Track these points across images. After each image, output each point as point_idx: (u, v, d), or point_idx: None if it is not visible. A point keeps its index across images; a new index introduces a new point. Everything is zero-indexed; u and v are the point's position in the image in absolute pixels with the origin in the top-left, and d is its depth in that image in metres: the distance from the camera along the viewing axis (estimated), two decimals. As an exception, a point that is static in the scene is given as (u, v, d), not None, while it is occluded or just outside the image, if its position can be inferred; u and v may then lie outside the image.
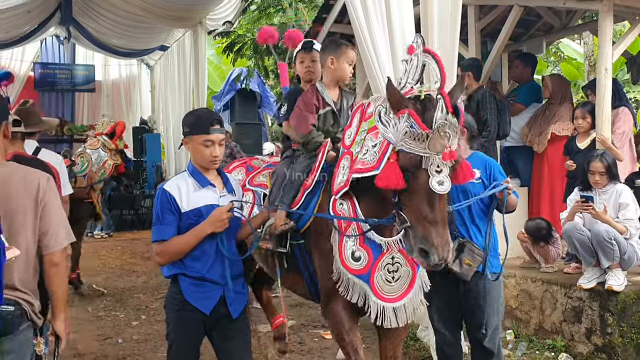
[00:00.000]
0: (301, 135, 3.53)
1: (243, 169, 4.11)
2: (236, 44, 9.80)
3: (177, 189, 2.98)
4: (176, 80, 12.35)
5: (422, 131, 2.50)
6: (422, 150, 2.53)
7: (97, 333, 5.79)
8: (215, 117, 3.03)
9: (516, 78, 7.13)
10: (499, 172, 3.65)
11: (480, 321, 3.63)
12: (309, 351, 5.21)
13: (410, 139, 2.55)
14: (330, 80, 3.60)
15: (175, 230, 2.95)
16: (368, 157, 2.88)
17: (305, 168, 3.49)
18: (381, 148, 2.79)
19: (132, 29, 11.90)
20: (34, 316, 2.64)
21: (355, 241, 3.07)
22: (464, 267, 3.48)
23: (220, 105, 12.82)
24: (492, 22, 7.21)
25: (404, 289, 3.08)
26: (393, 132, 2.61)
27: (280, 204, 3.41)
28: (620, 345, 4.67)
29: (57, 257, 2.70)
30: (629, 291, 4.73)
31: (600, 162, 4.67)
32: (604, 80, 5.31)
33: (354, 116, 3.20)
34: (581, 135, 5.75)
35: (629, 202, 4.66)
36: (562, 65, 15.84)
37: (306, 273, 3.42)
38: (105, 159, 7.59)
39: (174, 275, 3.00)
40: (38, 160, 4.32)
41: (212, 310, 2.97)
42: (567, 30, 8.28)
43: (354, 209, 3.09)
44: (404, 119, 2.55)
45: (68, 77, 14.20)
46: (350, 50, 3.57)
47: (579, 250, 4.75)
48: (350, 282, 3.05)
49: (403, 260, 3.06)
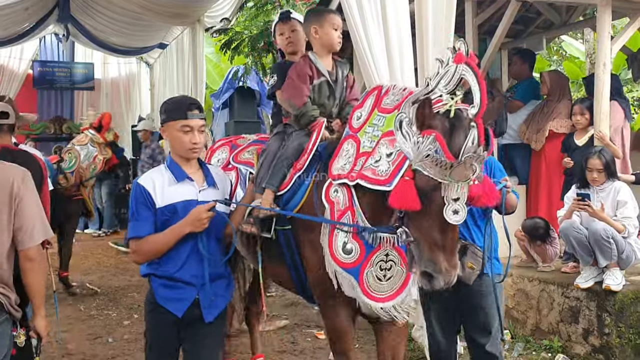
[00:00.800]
0: (295, 107, 3.32)
1: (227, 147, 3.92)
2: (234, 42, 9.73)
3: (151, 183, 2.83)
4: (175, 78, 12.27)
5: (447, 160, 2.28)
6: (442, 177, 2.32)
7: (88, 332, 5.74)
8: (193, 102, 2.89)
9: (515, 75, 7.06)
10: (499, 170, 3.53)
11: (483, 323, 3.52)
12: (302, 351, 5.15)
13: (431, 163, 2.32)
14: (319, 49, 3.40)
15: (152, 227, 2.81)
16: (381, 167, 2.68)
17: (298, 147, 3.26)
18: (396, 160, 2.62)
19: (130, 27, 11.81)
20: (11, 309, 2.68)
21: (347, 232, 2.88)
22: (467, 271, 3.31)
23: (219, 104, 12.75)
24: (490, 18, 7.14)
25: (394, 290, 2.88)
26: (413, 148, 2.38)
27: (267, 185, 3.19)
28: (618, 346, 4.59)
29: (32, 252, 2.72)
30: (627, 291, 4.66)
31: (598, 159, 4.60)
32: (602, 76, 5.25)
33: (368, 97, 2.99)
34: (579, 131, 5.67)
35: (628, 200, 4.58)
36: (565, 64, 15.76)
37: (291, 263, 3.21)
38: (95, 154, 7.52)
39: (148, 274, 2.89)
40: (25, 152, 4.28)
41: (184, 313, 2.82)
42: (567, 27, 8.19)
43: (350, 199, 2.87)
44: (428, 140, 2.31)
45: (67, 75, 14.12)
46: (332, 15, 3.40)
47: (576, 249, 4.68)
48: (340, 276, 2.88)
49: (398, 259, 2.87)
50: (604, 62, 5.26)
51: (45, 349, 5.05)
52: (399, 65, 4.10)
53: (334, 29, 3.35)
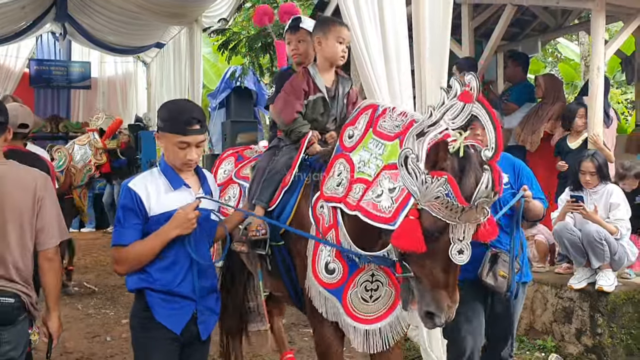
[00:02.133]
0: (283, 123, 3.23)
1: (233, 159, 3.83)
2: (231, 42, 9.77)
3: (144, 189, 2.56)
4: (172, 78, 12.32)
5: (459, 205, 2.13)
6: (451, 219, 2.18)
7: (86, 331, 5.76)
8: (195, 116, 2.57)
9: (509, 78, 7.12)
10: (527, 176, 3.45)
11: (505, 331, 3.49)
12: (299, 350, 5.19)
13: (441, 205, 2.15)
14: (322, 62, 3.25)
15: (139, 235, 2.55)
16: (383, 203, 2.52)
17: (287, 161, 3.17)
18: (400, 196, 2.47)
19: (127, 26, 11.85)
20: (32, 308, 2.79)
21: (330, 251, 2.77)
22: (499, 280, 3.25)
23: (216, 103, 12.79)
24: (487, 21, 7.21)
25: (382, 311, 2.77)
26: (421, 188, 2.18)
27: (257, 201, 3.13)
28: (610, 346, 4.66)
29: (51, 252, 2.83)
30: (619, 292, 4.73)
31: (591, 162, 4.65)
32: (596, 79, 5.32)
33: (360, 115, 2.83)
34: (573, 135, 5.74)
35: (620, 202, 4.64)
36: (560, 66, 15.86)
37: (287, 278, 3.13)
38: (90, 157, 7.55)
39: (138, 289, 2.59)
40: (33, 154, 4.34)
41: (182, 330, 2.60)
42: (562, 30, 8.29)
43: (335, 217, 2.76)
44: (439, 182, 2.13)
45: (64, 74, 14.14)
46: (339, 27, 3.19)
47: (570, 251, 4.73)
48: (322, 297, 2.77)
49: (385, 279, 2.77)
50: (597, 65, 5.33)
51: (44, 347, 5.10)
52: (395, 67, 4.15)
53: (338, 42, 3.17)
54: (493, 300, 3.42)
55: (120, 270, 2.60)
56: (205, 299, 2.66)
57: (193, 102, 2.84)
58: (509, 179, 3.36)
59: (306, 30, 3.42)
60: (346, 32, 3.23)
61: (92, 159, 7.57)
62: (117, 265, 2.59)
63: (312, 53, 3.40)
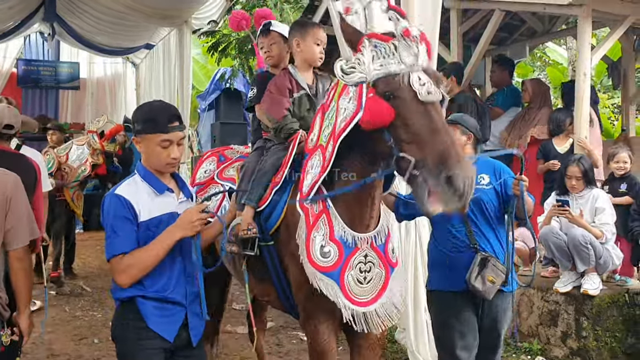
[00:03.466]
0: (274, 121, 3.21)
1: (215, 159, 3.80)
2: (221, 44, 9.79)
3: (131, 194, 2.51)
4: (161, 79, 12.30)
5: (386, 44, 2.31)
6: (396, 66, 2.31)
7: (73, 333, 5.74)
8: (174, 113, 2.58)
9: (495, 83, 7.17)
10: (509, 174, 3.38)
11: (496, 339, 3.39)
12: (287, 353, 5.20)
13: (379, 61, 2.33)
14: (300, 63, 3.30)
15: (135, 242, 2.48)
16: (349, 110, 2.53)
17: (276, 161, 3.15)
18: (356, 94, 2.48)
19: (117, 27, 11.79)
20: (1, 308, 2.76)
21: (324, 235, 2.71)
22: (487, 285, 3.19)
23: (205, 105, 12.78)
24: (475, 26, 7.27)
25: (374, 293, 2.76)
26: (361, 69, 2.38)
27: (247, 201, 3.08)
28: (595, 349, 4.71)
29: (21, 252, 2.84)
30: (604, 295, 4.78)
31: (577, 167, 4.70)
32: (582, 85, 5.37)
33: (315, 120, 2.88)
34: (560, 138, 5.79)
35: (605, 206, 4.69)
36: (548, 70, 15.96)
37: (277, 280, 3.07)
38: (87, 157, 7.54)
39: (129, 297, 2.50)
40: (22, 155, 4.32)
41: (174, 337, 2.55)
42: (550, 35, 8.38)
43: (324, 202, 2.75)
44: (365, 47, 2.35)
45: (52, 74, 14.03)
46: (316, 29, 3.27)
47: (556, 254, 4.78)
48: (321, 283, 2.70)
49: (377, 260, 2.76)
50: (584, 71, 5.39)
51: (31, 350, 5.09)
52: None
53: (316, 43, 3.24)
54: (483, 312, 3.33)
55: (124, 280, 2.47)
56: (193, 304, 2.63)
57: (165, 101, 2.77)
58: (490, 179, 3.34)
59: (278, 33, 3.47)
60: (323, 34, 3.28)
61: (89, 159, 7.56)
62: (120, 276, 2.47)
63: (285, 55, 3.47)
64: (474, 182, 2.21)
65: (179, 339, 2.57)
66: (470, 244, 3.27)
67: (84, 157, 7.63)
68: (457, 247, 3.31)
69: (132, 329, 2.51)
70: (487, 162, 3.44)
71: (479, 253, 3.24)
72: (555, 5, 5.64)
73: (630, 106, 7.79)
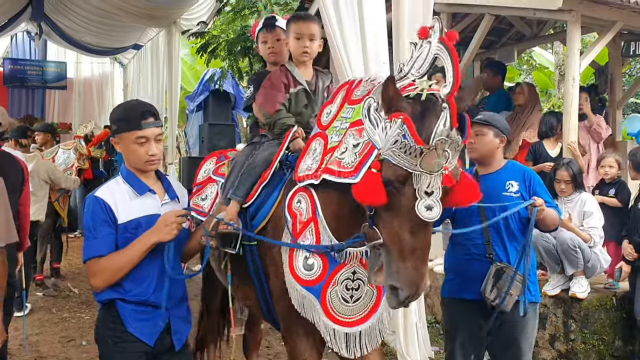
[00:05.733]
0: (267, 115, 3.13)
1: (214, 159, 3.73)
2: (210, 45, 9.74)
3: (111, 197, 2.48)
4: (149, 80, 12.27)
5: (417, 145, 2.01)
6: (412, 166, 2.05)
7: (61, 335, 5.71)
8: (148, 109, 2.53)
9: (487, 87, 7.21)
10: (539, 183, 3.26)
11: (516, 358, 3.23)
12: (276, 355, 5.20)
13: (400, 151, 2.06)
14: (294, 59, 3.23)
15: (113, 245, 2.45)
16: (347, 159, 2.39)
17: (268, 156, 3.02)
18: (363, 151, 2.32)
19: (105, 27, 11.73)
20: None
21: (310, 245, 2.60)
22: (503, 297, 3.06)
23: (194, 106, 12.73)
24: (464, 30, 7.30)
25: (363, 313, 2.59)
26: (381, 135, 2.14)
27: (233, 196, 2.95)
28: (583, 351, 4.74)
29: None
30: (592, 298, 4.81)
31: (566, 171, 4.73)
32: (571, 90, 5.43)
33: (338, 92, 2.69)
34: (551, 142, 5.84)
35: (594, 210, 4.73)
36: (534, 74, 16.10)
37: (258, 285, 2.92)
38: (73, 161, 7.53)
39: (109, 300, 2.48)
40: (8, 154, 4.29)
41: (155, 341, 2.51)
42: (538, 39, 8.45)
43: (314, 209, 2.59)
44: (396, 124, 2.06)
45: (39, 73, 13.94)
46: (295, 23, 3.17)
47: (545, 258, 4.80)
48: (299, 296, 2.57)
49: (367, 278, 2.56)
50: (573, 76, 5.44)
51: (18, 352, 5.05)
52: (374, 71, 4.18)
53: (296, 37, 3.15)
54: (500, 324, 3.18)
55: (98, 283, 2.45)
56: (177, 307, 2.59)
57: (141, 99, 2.74)
58: (519, 186, 3.22)
59: (282, 29, 3.40)
60: (303, 27, 3.16)
61: (75, 163, 7.55)
62: (94, 278, 2.45)
63: (286, 52, 3.40)
64: (419, 295, 2.15)
65: (161, 343, 2.53)
66: (486, 253, 3.18)
67: (70, 161, 7.62)
68: (471, 254, 3.22)
69: (112, 332, 2.48)
70: (517, 168, 3.37)
71: (494, 264, 3.12)
72: (545, 11, 5.69)
73: (617, 111, 7.87)
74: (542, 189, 3.25)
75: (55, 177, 6.71)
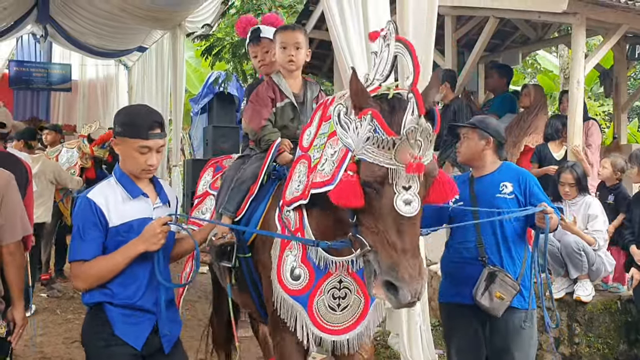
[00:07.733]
0: (253, 132, 3.16)
1: (212, 170, 3.75)
2: (215, 47, 9.79)
3: (104, 199, 2.44)
4: (154, 82, 12.30)
5: (388, 137, 2.02)
6: (387, 160, 2.04)
7: (65, 336, 5.70)
8: (156, 119, 2.50)
9: (491, 89, 7.20)
10: (536, 185, 3.19)
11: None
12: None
13: (373, 147, 2.06)
14: (282, 70, 3.23)
15: (100, 249, 2.42)
16: (326, 168, 2.42)
17: (255, 169, 3.07)
18: (339, 157, 2.34)
19: (110, 29, 11.77)
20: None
21: (296, 256, 2.63)
22: (495, 301, 2.98)
23: (198, 108, 12.75)
24: (469, 32, 7.31)
25: (351, 321, 2.62)
26: (353, 137, 2.14)
27: (223, 211, 3.03)
28: (587, 355, 4.72)
29: (13, 247, 2.98)
30: (596, 302, 4.80)
31: (570, 174, 4.73)
32: (576, 93, 5.42)
33: (316, 113, 2.73)
34: (556, 144, 5.82)
35: (598, 214, 4.72)
36: (539, 77, 16.05)
37: (254, 292, 2.98)
38: (76, 160, 7.54)
39: (96, 303, 2.44)
40: (12, 155, 4.32)
41: (143, 345, 2.48)
42: (542, 43, 8.44)
43: (301, 219, 2.63)
44: (366, 121, 2.06)
45: (44, 75, 13.99)
46: (280, 33, 3.18)
47: (549, 261, 4.79)
48: (287, 304, 2.60)
49: (354, 286, 2.61)
50: (577, 79, 5.43)
51: (22, 353, 5.06)
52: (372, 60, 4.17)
53: (282, 47, 3.15)
54: (491, 331, 3.12)
55: (80, 286, 2.44)
56: (167, 311, 2.56)
57: (151, 107, 2.71)
58: (513, 188, 3.17)
59: (268, 38, 3.38)
60: (288, 36, 3.16)
61: (79, 162, 7.57)
62: (77, 281, 2.43)
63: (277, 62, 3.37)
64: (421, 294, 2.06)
65: (150, 346, 2.50)
66: (478, 256, 3.14)
67: (73, 160, 7.63)
68: (464, 257, 3.20)
69: (100, 335, 2.44)
70: (511, 169, 3.32)
71: (487, 267, 3.07)
72: (549, 13, 5.68)
73: (622, 114, 7.85)
74: (539, 190, 3.20)
75: (61, 178, 6.74)
